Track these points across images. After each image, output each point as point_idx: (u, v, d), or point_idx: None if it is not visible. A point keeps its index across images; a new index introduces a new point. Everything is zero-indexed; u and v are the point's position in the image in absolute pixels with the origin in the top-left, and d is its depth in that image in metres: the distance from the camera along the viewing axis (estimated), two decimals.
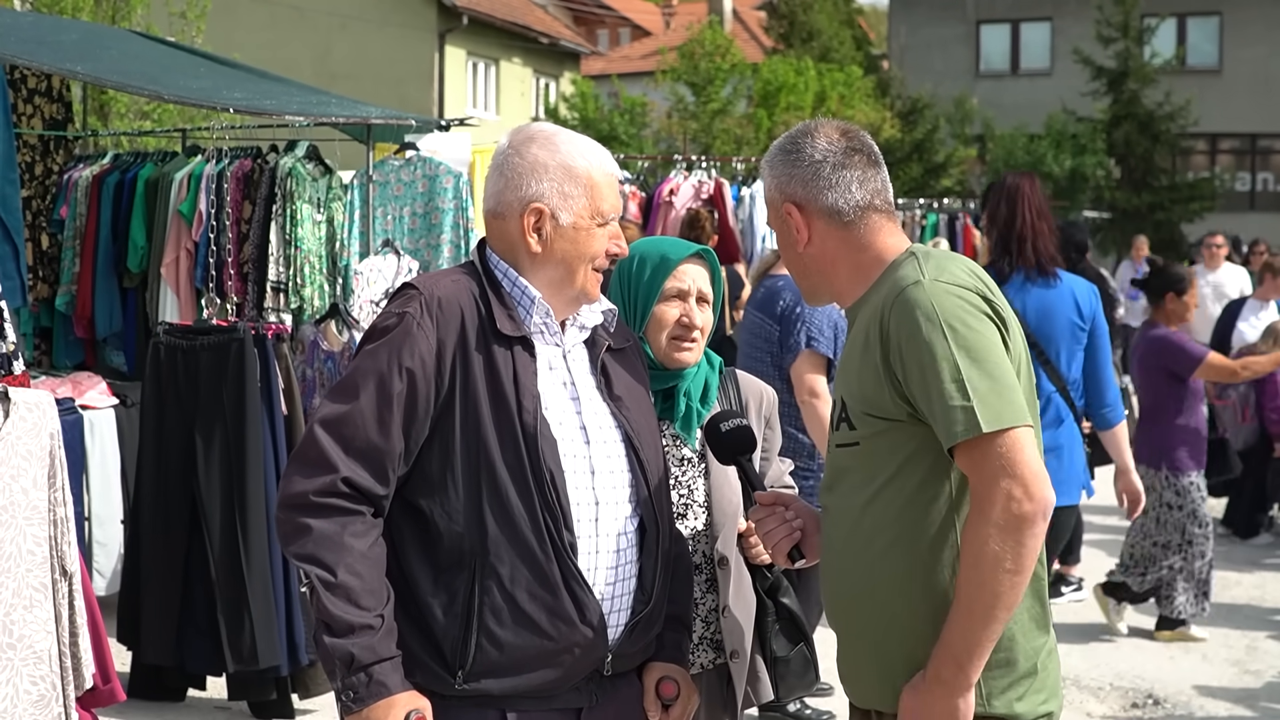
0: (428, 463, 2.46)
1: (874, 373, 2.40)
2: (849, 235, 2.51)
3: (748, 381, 3.15)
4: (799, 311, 5.39)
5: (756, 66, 26.86)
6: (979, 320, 2.34)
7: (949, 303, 2.34)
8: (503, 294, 2.55)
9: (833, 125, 2.57)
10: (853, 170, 2.51)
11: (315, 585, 2.38)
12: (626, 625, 2.54)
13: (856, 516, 2.44)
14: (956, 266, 2.44)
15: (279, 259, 6.49)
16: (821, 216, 2.51)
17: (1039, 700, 2.44)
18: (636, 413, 2.63)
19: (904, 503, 2.39)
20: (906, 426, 2.37)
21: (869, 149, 2.54)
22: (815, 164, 2.50)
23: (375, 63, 25.72)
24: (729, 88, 25.84)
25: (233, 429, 5.21)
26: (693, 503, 2.95)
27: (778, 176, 2.55)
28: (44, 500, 3.60)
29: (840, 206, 2.50)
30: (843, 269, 2.53)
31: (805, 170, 2.51)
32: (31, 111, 7.55)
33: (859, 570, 2.44)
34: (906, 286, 2.38)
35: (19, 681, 3.50)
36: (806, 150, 2.52)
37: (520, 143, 2.58)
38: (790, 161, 2.53)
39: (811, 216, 2.51)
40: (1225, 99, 29.48)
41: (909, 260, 2.46)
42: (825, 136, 2.53)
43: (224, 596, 5.21)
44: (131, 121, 13.92)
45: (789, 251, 2.58)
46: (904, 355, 2.34)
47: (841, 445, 2.49)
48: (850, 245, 2.51)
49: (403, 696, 2.39)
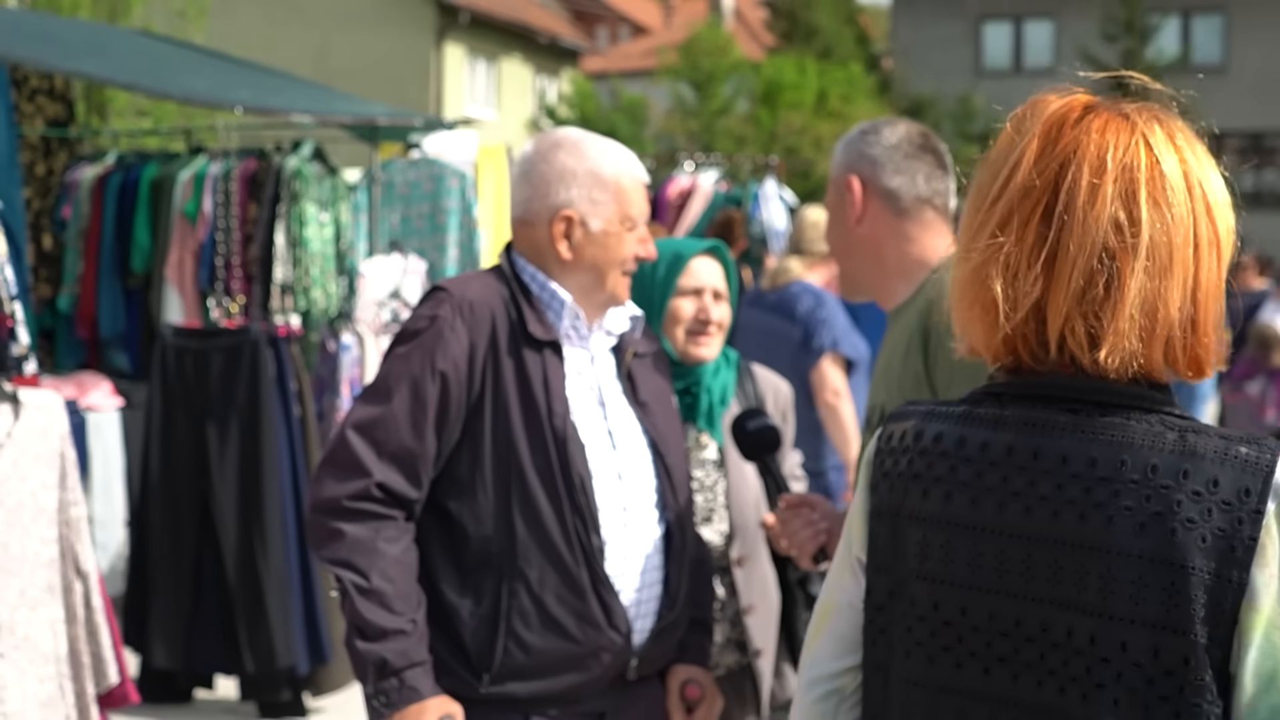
0: (457, 465, 2.47)
1: (914, 380, 2.39)
2: (900, 224, 2.52)
3: (764, 376, 3.16)
4: (820, 315, 5.42)
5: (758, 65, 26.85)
6: None
7: None
8: (532, 298, 2.55)
9: (916, 125, 2.61)
10: (921, 164, 2.53)
11: (348, 590, 2.39)
12: (652, 630, 2.54)
13: None
14: None
15: (285, 260, 6.45)
16: (880, 197, 2.53)
17: None
18: (661, 419, 2.64)
19: None
20: None
21: (942, 154, 2.58)
22: (889, 147, 2.54)
23: (374, 61, 25.71)
24: (730, 86, 25.84)
25: (248, 431, 5.21)
26: (716, 505, 2.95)
27: (849, 153, 2.57)
28: (53, 502, 3.60)
29: (901, 192, 2.52)
30: (888, 258, 2.53)
31: (878, 150, 2.54)
32: (33, 111, 7.51)
33: None
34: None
35: (26, 683, 3.50)
36: (884, 134, 2.56)
37: (547, 149, 2.58)
38: (865, 141, 2.56)
39: (870, 195, 2.53)
40: (1230, 97, 29.45)
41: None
42: (906, 128, 2.58)
43: (242, 598, 5.22)
44: (130, 120, 13.89)
45: (838, 229, 2.59)
46: (946, 363, 2.33)
47: None
48: (899, 235, 2.52)
49: (434, 701, 2.40)
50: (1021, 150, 1.47)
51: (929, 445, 1.52)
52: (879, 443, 1.59)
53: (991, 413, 1.50)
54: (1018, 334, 1.47)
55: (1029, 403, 1.47)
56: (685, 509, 2.63)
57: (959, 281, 1.51)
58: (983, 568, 1.46)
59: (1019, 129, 1.50)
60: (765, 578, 2.97)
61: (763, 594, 2.96)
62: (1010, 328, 1.46)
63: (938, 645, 1.48)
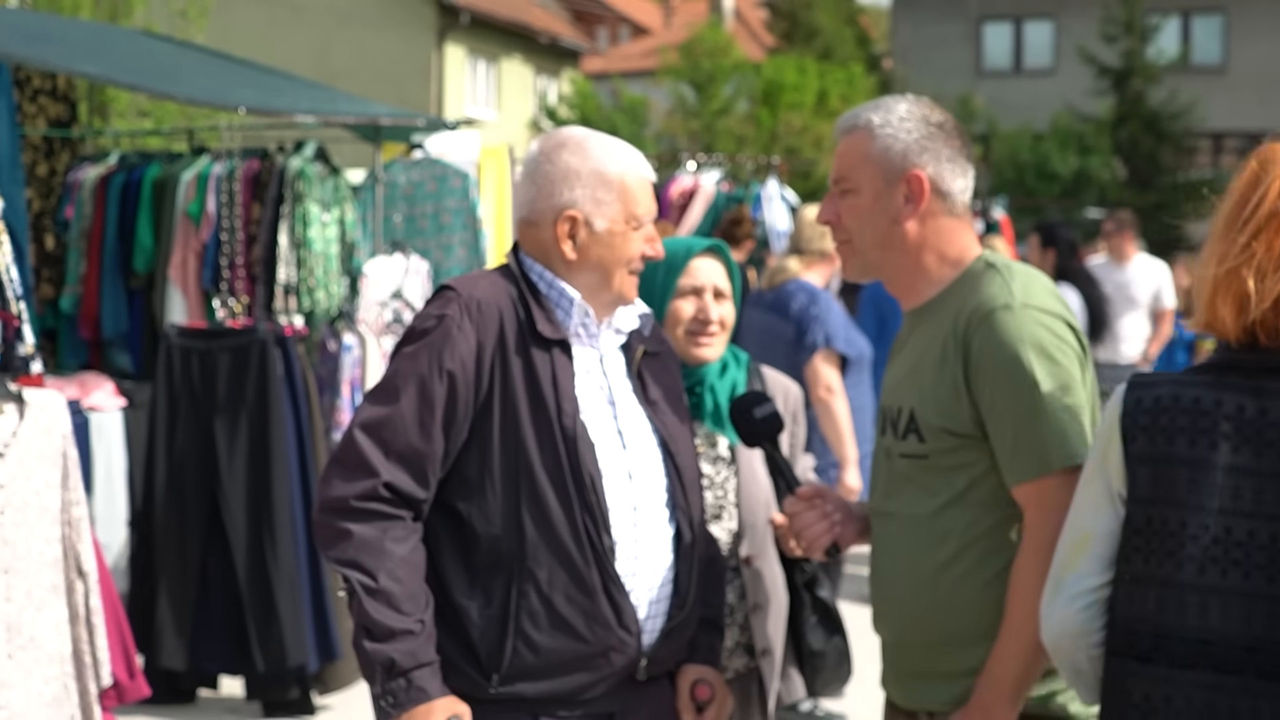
0: (465, 465, 2.46)
1: (952, 388, 2.37)
2: (944, 225, 2.47)
3: (774, 378, 3.13)
4: (814, 312, 5.46)
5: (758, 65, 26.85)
6: (1065, 353, 2.34)
7: (1040, 334, 2.33)
8: (541, 297, 2.54)
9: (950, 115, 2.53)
10: (969, 165, 2.50)
11: (356, 590, 2.38)
12: (662, 630, 2.53)
13: (923, 525, 2.42)
14: (1039, 287, 2.42)
15: (289, 260, 6.45)
16: (939, 197, 2.47)
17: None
18: (671, 418, 2.63)
19: (972, 518, 2.38)
20: (982, 443, 2.36)
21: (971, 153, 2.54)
22: (956, 147, 2.48)
23: (374, 61, 25.71)
24: (730, 87, 25.84)
25: (256, 430, 5.22)
26: (727, 503, 2.93)
27: (919, 140, 2.45)
28: (56, 501, 3.60)
29: (956, 194, 2.48)
30: (929, 258, 2.48)
31: (946, 148, 2.47)
32: (36, 111, 7.51)
33: (916, 579, 2.43)
34: (996, 309, 2.35)
35: (31, 683, 3.50)
36: (949, 130, 2.48)
37: (551, 149, 2.57)
38: (935, 135, 2.47)
39: (933, 194, 2.46)
40: (1230, 97, 29.45)
41: (992, 275, 2.43)
42: (954, 122, 2.51)
43: (252, 597, 5.22)
44: (132, 120, 13.89)
45: (879, 218, 2.47)
46: (989, 379, 2.33)
47: (906, 455, 2.45)
48: (943, 235, 2.47)
49: (441, 702, 2.39)
50: (1269, 185, 2.01)
51: (1189, 405, 2.00)
52: (1128, 405, 2.05)
53: (1240, 381, 1.99)
54: (1261, 320, 1.98)
55: (1272, 374, 1.98)
56: (696, 508, 2.62)
57: (1215, 279, 2.01)
58: (1242, 499, 1.94)
59: (1264, 167, 2.03)
60: (773, 578, 2.96)
61: (770, 594, 2.94)
62: (1258, 315, 1.97)
63: (1208, 558, 1.96)
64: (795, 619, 2.96)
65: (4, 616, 3.46)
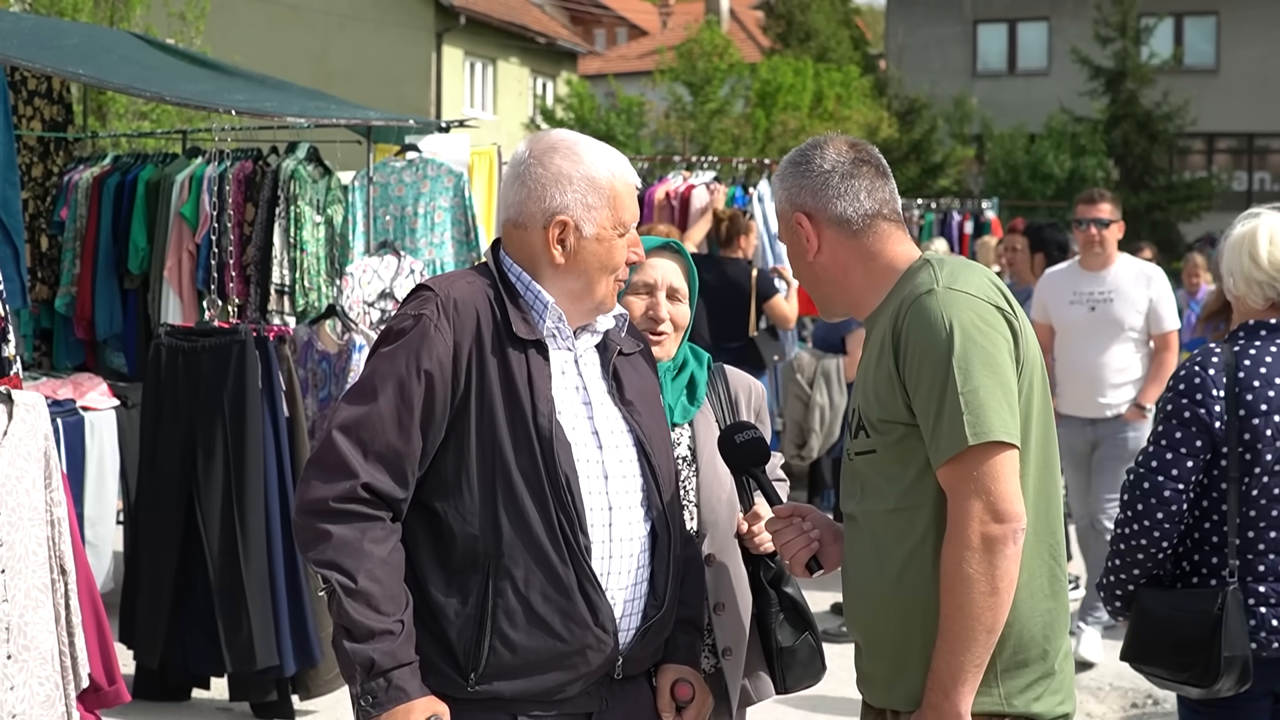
0: (442, 465, 2.47)
1: (888, 380, 2.42)
2: (858, 244, 2.54)
3: (736, 376, 3.13)
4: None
5: (754, 66, 26.84)
6: (987, 335, 2.36)
7: (962, 314, 2.36)
8: (518, 298, 2.55)
9: (841, 138, 2.61)
10: (861, 180, 2.54)
11: (335, 591, 2.39)
12: (638, 629, 2.54)
13: (881, 523, 2.46)
14: (971, 274, 2.46)
15: (283, 261, 6.48)
16: (831, 225, 2.54)
17: (1056, 701, 2.46)
18: (648, 417, 2.64)
19: (924, 509, 2.41)
20: (919, 431, 2.39)
21: (877, 160, 2.58)
22: (824, 174, 2.54)
23: (372, 62, 25.69)
24: (727, 88, 25.82)
25: (233, 430, 5.20)
26: (688, 503, 2.91)
27: (788, 188, 2.58)
28: (42, 501, 3.60)
29: (849, 215, 2.53)
30: (855, 277, 2.55)
31: (814, 180, 2.55)
32: (31, 113, 7.54)
33: (881, 577, 2.46)
34: (920, 295, 2.40)
35: (30, 683, 3.51)
36: (815, 161, 2.56)
37: (542, 152, 2.56)
38: (800, 173, 2.57)
39: (821, 225, 2.55)
40: (1222, 99, 29.47)
41: (924, 268, 2.49)
42: (834, 148, 2.57)
43: (222, 597, 5.21)
44: (130, 122, 13.90)
45: (799, 263, 2.61)
46: (913, 361, 2.37)
47: (860, 453, 2.50)
48: (860, 253, 2.54)
49: (421, 702, 2.40)
50: None
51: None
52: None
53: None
54: None
55: None
56: (672, 507, 2.63)
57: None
58: None
59: None
60: (737, 576, 2.93)
61: (733, 593, 2.92)
62: None
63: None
64: (763, 617, 2.93)
65: (4, 617, 3.46)
